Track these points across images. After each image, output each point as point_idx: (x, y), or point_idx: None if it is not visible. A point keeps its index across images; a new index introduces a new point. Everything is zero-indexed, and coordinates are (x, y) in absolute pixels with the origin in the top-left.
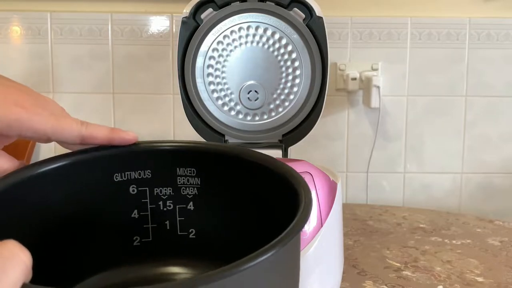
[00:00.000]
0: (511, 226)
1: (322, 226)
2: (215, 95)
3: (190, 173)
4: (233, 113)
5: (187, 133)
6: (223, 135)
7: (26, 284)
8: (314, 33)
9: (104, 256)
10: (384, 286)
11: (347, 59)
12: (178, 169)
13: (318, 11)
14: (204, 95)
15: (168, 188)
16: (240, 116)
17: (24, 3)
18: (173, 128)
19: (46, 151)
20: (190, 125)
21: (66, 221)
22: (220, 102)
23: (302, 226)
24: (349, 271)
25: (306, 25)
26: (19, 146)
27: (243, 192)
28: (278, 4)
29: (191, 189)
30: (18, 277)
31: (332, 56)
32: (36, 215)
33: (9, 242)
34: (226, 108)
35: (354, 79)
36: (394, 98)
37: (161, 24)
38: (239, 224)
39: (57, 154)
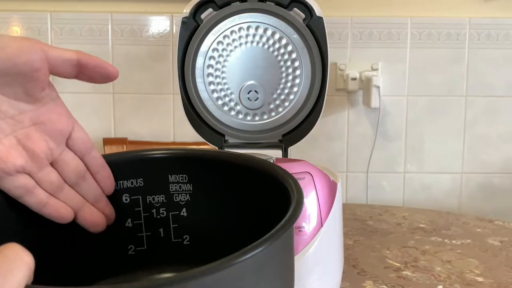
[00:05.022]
0: (511, 226)
1: (322, 226)
2: (215, 95)
3: (182, 179)
4: (233, 113)
5: (187, 133)
6: (223, 135)
7: (28, 285)
8: (314, 33)
9: (100, 266)
10: (384, 286)
11: (347, 59)
12: (170, 176)
13: (318, 11)
14: (204, 95)
15: (161, 196)
16: (240, 116)
17: (24, 3)
18: (173, 128)
19: None
20: (190, 125)
21: (60, 231)
22: (220, 102)
23: (293, 221)
24: (349, 271)
25: (306, 25)
26: None
27: (235, 196)
28: (278, 4)
29: (184, 196)
30: (23, 278)
31: (332, 56)
32: (27, 225)
33: (13, 245)
34: (226, 108)
35: (354, 79)
36: (394, 98)
37: (161, 24)
38: (233, 228)
39: None
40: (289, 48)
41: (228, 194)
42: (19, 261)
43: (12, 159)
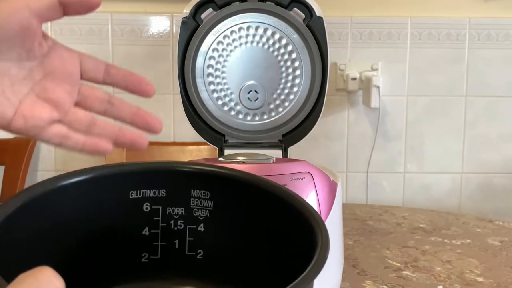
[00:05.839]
0: (511, 226)
1: None
2: (215, 95)
3: (204, 195)
4: (233, 113)
5: (187, 133)
6: (223, 135)
7: None
8: (314, 33)
9: (113, 271)
10: (384, 286)
11: (347, 59)
12: (192, 190)
13: (318, 11)
14: (204, 95)
15: (181, 208)
16: (240, 116)
17: None
18: (173, 128)
19: (46, 151)
20: (190, 125)
21: (79, 234)
22: (220, 102)
23: (318, 272)
24: (349, 271)
25: (306, 25)
26: (19, 145)
27: (255, 220)
28: (278, 4)
29: (203, 211)
30: None
31: (332, 56)
32: (51, 227)
33: (45, 269)
34: (226, 108)
35: (354, 79)
36: (394, 98)
37: (161, 24)
38: (247, 250)
39: (57, 154)
40: (289, 48)
41: (248, 217)
42: (50, 287)
43: (38, 115)
